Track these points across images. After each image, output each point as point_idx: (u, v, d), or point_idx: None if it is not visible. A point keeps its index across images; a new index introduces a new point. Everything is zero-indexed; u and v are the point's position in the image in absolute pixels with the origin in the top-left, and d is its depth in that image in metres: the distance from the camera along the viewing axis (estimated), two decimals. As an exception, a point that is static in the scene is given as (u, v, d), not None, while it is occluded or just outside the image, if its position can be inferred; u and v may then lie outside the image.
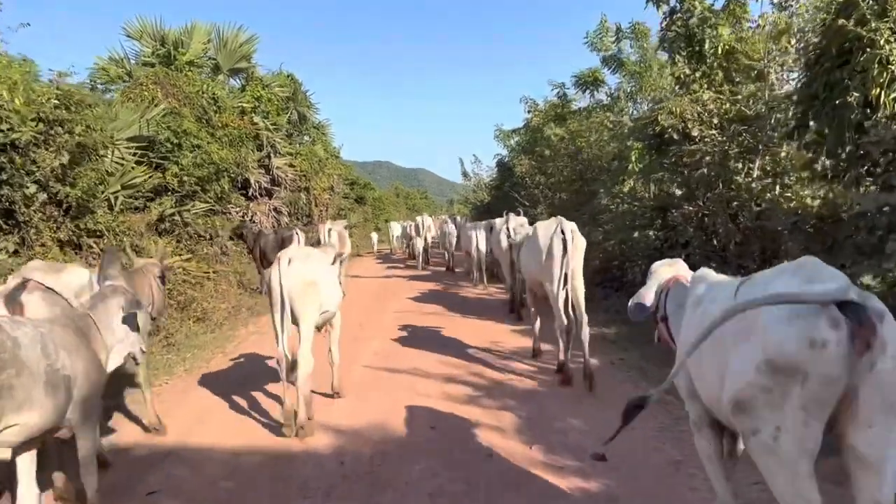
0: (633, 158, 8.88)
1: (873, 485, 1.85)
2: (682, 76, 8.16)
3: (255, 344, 7.79)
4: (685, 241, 8.64)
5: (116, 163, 8.59)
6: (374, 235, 28.57)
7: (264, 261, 11.20)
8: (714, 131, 8.24)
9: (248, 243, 11.47)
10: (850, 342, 1.79)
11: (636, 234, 9.72)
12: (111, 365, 3.23)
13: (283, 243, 10.95)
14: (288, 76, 19.43)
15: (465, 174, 32.90)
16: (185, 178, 10.20)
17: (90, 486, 3.04)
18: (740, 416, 2.04)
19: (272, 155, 14.23)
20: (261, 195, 14.10)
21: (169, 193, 9.86)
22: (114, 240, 7.97)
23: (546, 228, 5.80)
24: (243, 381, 6.03)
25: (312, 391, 4.75)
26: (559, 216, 6.01)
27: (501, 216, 11.19)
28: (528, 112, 19.40)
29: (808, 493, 1.90)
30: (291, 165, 16.78)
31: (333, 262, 5.21)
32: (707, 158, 8.23)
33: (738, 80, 8.32)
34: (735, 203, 8.23)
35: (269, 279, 4.51)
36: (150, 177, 9.09)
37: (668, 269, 3.21)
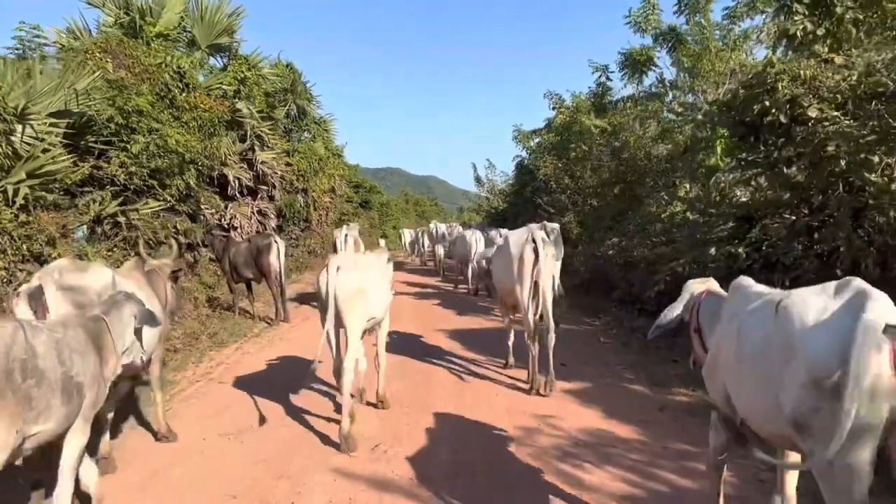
0: (719, 150, 6.60)
1: None
2: (799, 34, 5.88)
3: (194, 401, 5.55)
4: (789, 262, 6.38)
5: (27, 143, 6.43)
6: (382, 242, 26.74)
7: (235, 274, 9.00)
8: (837, 112, 5.99)
9: (215, 253, 9.26)
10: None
11: (713, 251, 7.40)
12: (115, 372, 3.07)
13: (258, 253, 8.77)
14: (287, 65, 17.40)
15: (478, 179, 30.75)
16: (136, 170, 8.02)
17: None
18: (799, 436, 2.05)
19: (257, 147, 12.03)
20: (242, 195, 11.90)
21: (108, 187, 7.68)
22: (10, 247, 5.83)
23: (517, 238, 5.90)
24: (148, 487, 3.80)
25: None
26: (530, 226, 6.01)
27: (521, 224, 9.02)
28: (553, 109, 17.31)
29: None
30: (288, 164, 14.71)
31: (388, 262, 5.28)
32: (830, 148, 5.96)
33: (874, 41, 6.04)
34: (853, 210, 6.01)
35: (319, 287, 4.56)
36: (76, 163, 6.91)
37: (700, 285, 3.23)
